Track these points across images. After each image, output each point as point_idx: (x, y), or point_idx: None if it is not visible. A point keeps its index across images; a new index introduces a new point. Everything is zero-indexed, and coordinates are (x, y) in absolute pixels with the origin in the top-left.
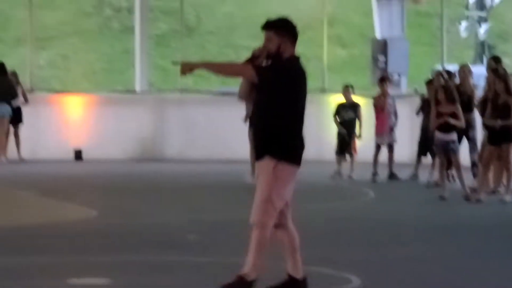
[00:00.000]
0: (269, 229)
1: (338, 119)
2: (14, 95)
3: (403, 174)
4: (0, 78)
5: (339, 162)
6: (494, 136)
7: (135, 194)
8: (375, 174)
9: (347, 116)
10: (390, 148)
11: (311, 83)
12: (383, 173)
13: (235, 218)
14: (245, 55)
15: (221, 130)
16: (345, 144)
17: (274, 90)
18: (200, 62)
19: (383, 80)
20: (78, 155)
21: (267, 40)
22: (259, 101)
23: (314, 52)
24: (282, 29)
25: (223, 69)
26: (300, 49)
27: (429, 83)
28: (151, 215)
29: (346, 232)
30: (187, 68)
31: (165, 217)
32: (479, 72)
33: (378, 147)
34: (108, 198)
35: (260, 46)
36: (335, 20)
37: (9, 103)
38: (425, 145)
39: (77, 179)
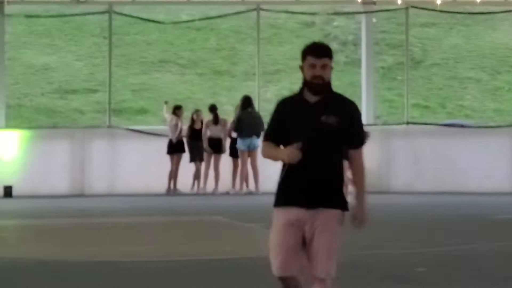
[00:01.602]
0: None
1: None
2: (262, 128)
3: None
4: (249, 111)
5: None
6: None
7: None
8: None
9: None
10: None
11: None
12: None
13: (464, 251)
14: (471, 86)
15: (449, 162)
16: None
17: (340, 135)
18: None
19: None
20: None
21: (322, 68)
22: (323, 147)
23: None
24: (332, 56)
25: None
26: None
27: None
28: (378, 247)
29: None
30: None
31: (393, 250)
32: None
33: None
34: None
35: (317, 80)
36: None
37: (258, 136)
38: None
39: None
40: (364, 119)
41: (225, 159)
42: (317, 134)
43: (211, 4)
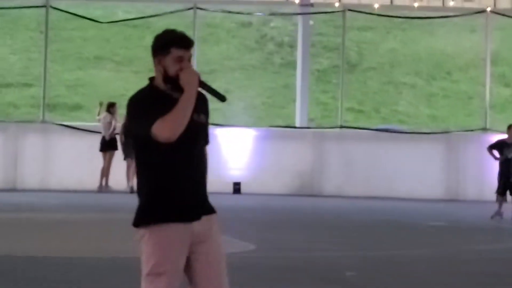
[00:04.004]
0: None
1: (502, 157)
2: None
3: None
4: None
5: (500, 202)
6: None
7: (293, 228)
8: None
9: (510, 155)
10: None
11: (474, 121)
12: None
13: (394, 256)
14: (407, 92)
15: (381, 166)
16: (508, 184)
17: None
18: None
19: None
20: (237, 188)
21: (188, 61)
22: (197, 144)
23: (477, 91)
24: None
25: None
26: (462, 87)
27: None
28: (309, 250)
29: (494, 274)
30: None
31: (323, 252)
32: None
33: None
34: (266, 232)
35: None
36: (498, 58)
37: None
38: None
39: (236, 212)
40: (298, 122)
41: None
42: (193, 135)
43: (147, 1)
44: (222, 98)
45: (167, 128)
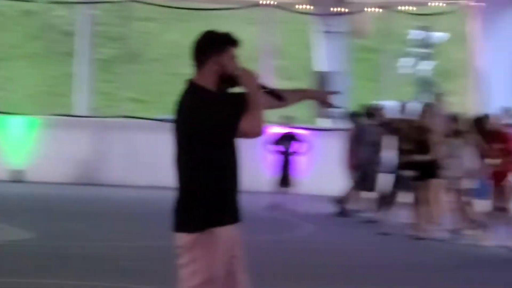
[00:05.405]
0: None
1: (283, 149)
2: None
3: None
4: None
5: (279, 193)
6: None
7: (73, 217)
8: (341, 208)
9: (286, 147)
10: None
11: None
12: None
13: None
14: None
15: (164, 156)
16: (284, 175)
17: None
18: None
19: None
20: (18, 176)
21: (234, 59)
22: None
23: None
24: None
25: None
26: None
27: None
28: (88, 239)
29: (272, 264)
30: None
31: (101, 242)
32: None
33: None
34: (46, 221)
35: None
36: (280, 52)
37: None
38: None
39: (15, 200)
40: (78, 110)
41: None
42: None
43: None
44: (280, 97)
45: (256, 124)
